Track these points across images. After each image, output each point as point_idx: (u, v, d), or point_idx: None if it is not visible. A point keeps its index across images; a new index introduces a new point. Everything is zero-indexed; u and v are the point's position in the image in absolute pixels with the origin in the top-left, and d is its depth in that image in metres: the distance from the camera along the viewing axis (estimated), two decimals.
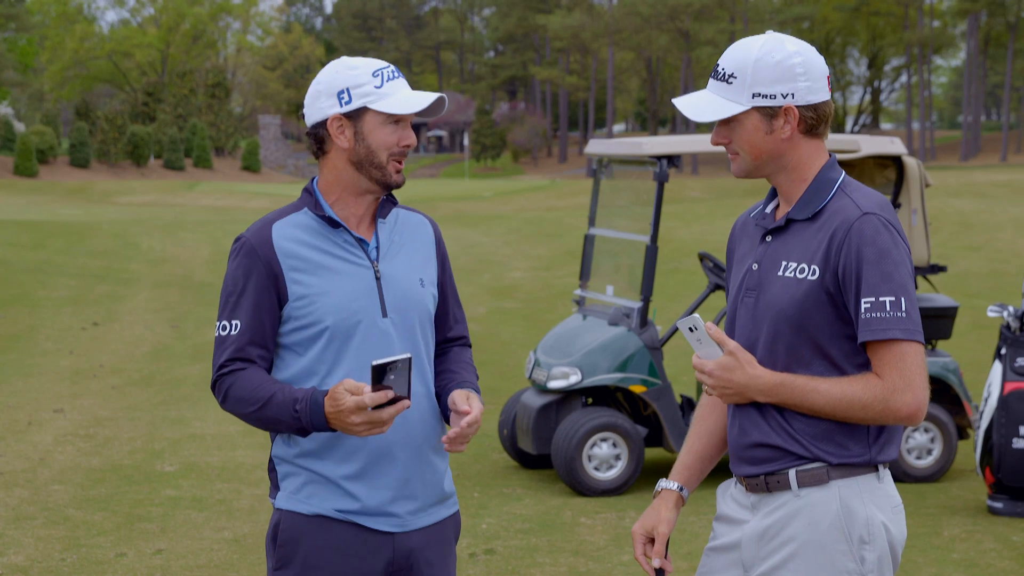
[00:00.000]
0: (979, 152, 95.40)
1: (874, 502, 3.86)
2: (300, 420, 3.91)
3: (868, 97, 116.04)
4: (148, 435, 12.78)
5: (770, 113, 3.85)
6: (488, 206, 50.33)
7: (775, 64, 3.83)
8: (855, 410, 3.76)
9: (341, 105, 4.04)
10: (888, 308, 3.72)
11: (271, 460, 4.14)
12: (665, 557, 4.07)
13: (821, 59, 3.91)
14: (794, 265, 3.85)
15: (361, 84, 4.04)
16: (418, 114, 4.11)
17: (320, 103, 4.08)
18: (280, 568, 4.08)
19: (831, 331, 3.82)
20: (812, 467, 3.85)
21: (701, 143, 11.34)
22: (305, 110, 4.14)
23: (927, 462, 11.22)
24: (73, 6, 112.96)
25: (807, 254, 3.84)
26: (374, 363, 3.78)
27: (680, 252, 27.38)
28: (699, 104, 3.93)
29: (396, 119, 4.06)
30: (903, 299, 3.74)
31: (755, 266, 3.95)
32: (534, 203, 50.94)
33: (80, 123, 78.98)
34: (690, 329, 3.82)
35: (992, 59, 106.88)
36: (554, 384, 10.96)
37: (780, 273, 3.87)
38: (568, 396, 11.08)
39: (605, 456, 10.76)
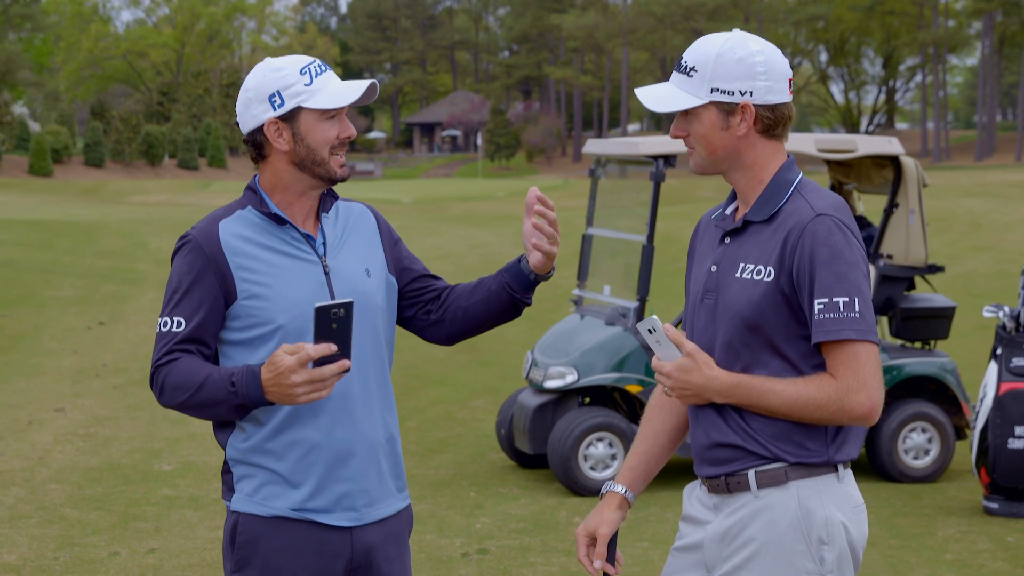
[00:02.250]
0: (994, 152, 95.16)
1: (833, 502, 3.86)
2: (237, 394, 3.84)
3: (883, 97, 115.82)
4: (147, 434, 12.80)
5: (727, 109, 3.86)
6: (500, 206, 50.34)
7: (736, 61, 3.84)
8: (810, 410, 3.77)
9: (275, 109, 4.00)
10: (842, 309, 3.73)
11: (225, 463, 4.11)
12: (612, 559, 4.06)
13: (785, 61, 3.91)
14: (751, 267, 3.86)
15: (290, 84, 4.00)
16: (352, 102, 4.07)
17: (253, 110, 4.04)
18: (238, 571, 4.05)
19: (787, 332, 3.83)
20: (771, 467, 3.85)
21: None
22: (239, 119, 4.09)
23: (924, 462, 11.20)
24: (88, 6, 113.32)
25: (763, 256, 3.84)
26: (317, 305, 3.71)
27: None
28: (659, 95, 3.95)
29: (332, 113, 4.03)
30: (857, 299, 3.74)
31: (714, 268, 3.96)
32: None
33: (95, 123, 79.17)
34: (649, 331, 3.82)
35: (1007, 59, 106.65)
36: (550, 384, 10.96)
37: (737, 275, 3.88)
38: (565, 396, 11.08)
39: (601, 456, 10.75)
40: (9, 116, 78.38)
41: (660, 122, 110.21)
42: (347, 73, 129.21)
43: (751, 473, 3.86)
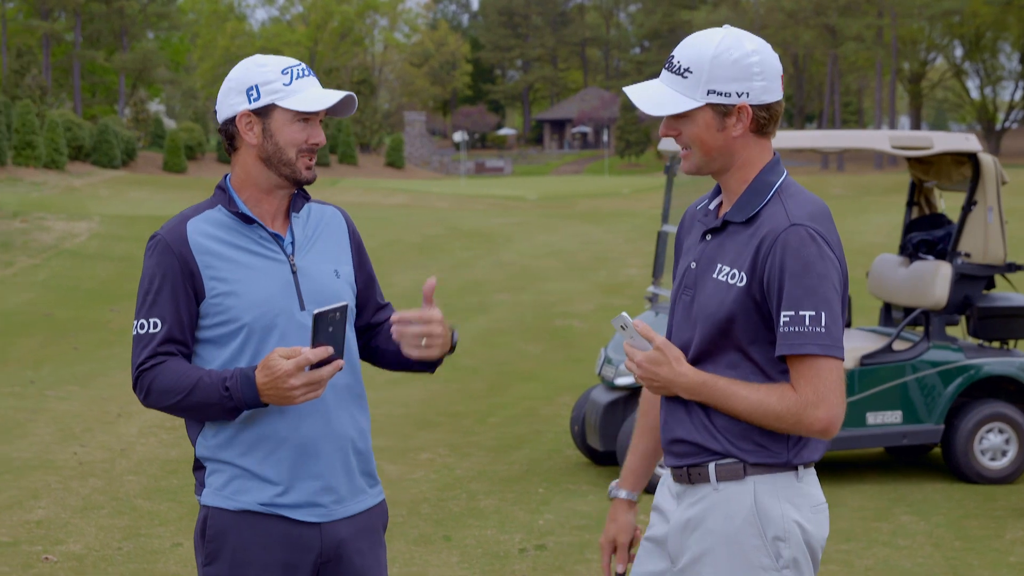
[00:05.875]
0: None
1: (789, 500, 3.85)
2: (232, 398, 3.90)
3: (1020, 92, 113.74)
4: None
5: (723, 111, 3.80)
6: (625, 203, 50.21)
7: (732, 62, 3.78)
8: (769, 419, 3.77)
9: (250, 102, 4.06)
10: (807, 323, 3.70)
11: (196, 460, 4.16)
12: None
13: (776, 58, 3.85)
14: (727, 269, 3.83)
15: (270, 81, 4.05)
16: (329, 112, 4.11)
17: (230, 100, 4.09)
18: (209, 564, 4.10)
19: (757, 337, 3.81)
20: (730, 461, 3.86)
21: (785, 139, 11.16)
22: (217, 107, 4.15)
23: (1002, 464, 11.04)
24: (224, 4, 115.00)
25: (738, 259, 3.82)
26: (316, 312, 3.80)
27: None
28: (653, 97, 3.88)
29: (304, 117, 4.06)
30: (823, 314, 3.70)
31: (693, 264, 3.94)
32: None
33: None
34: (622, 328, 3.84)
35: None
36: (621, 381, 10.95)
37: (714, 275, 3.86)
38: (635, 393, 11.05)
39: None
40: (144, 113, 79.71)
41: (792, 119, 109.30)
42: (478, 70, 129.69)
43: (711, 466, 3.88)
